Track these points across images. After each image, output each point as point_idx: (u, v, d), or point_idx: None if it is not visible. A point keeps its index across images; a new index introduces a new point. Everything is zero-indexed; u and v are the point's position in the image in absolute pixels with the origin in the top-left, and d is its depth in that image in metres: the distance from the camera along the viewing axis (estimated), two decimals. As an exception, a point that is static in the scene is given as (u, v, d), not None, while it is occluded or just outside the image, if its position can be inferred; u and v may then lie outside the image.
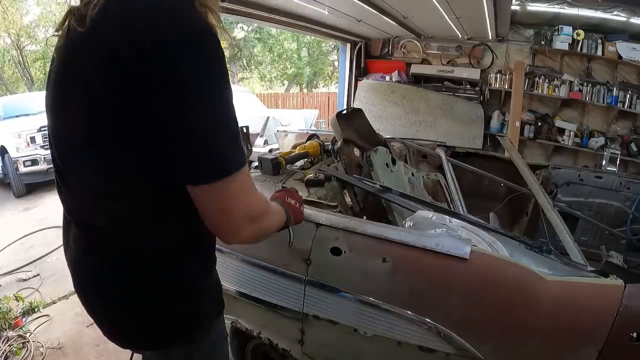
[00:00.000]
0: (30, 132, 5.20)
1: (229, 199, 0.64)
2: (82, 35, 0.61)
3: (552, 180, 2.42)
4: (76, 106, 0.65)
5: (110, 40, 0.58)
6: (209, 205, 0.65)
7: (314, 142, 2.06)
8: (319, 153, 2.04)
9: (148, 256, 0.71)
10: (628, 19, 3.79)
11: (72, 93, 0.65)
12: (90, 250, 0.73)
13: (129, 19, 0.58)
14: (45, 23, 13.03)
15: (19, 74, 13.45)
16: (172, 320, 0.75)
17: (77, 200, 0.73)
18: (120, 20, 0.58)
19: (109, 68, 0.58)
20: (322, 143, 2.07)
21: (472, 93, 5.17)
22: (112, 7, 0.59)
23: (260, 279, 1.30)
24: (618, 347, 0.88)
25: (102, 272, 0.72)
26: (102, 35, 0.59)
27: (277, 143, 3.91)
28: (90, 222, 0.71)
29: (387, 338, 1.09)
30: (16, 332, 2.23)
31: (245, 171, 0.66)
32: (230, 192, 0.64)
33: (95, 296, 0.76)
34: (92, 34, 0.60)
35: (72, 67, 0.65)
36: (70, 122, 0.67)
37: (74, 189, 0.72)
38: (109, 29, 0.59)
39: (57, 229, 3.84)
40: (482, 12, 3.66)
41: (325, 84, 16.48)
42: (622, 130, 4.55)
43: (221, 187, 0.63)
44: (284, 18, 4.02)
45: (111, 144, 0.64)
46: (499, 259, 1.08)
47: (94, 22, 0.60)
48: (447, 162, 2.19)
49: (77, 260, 0.75)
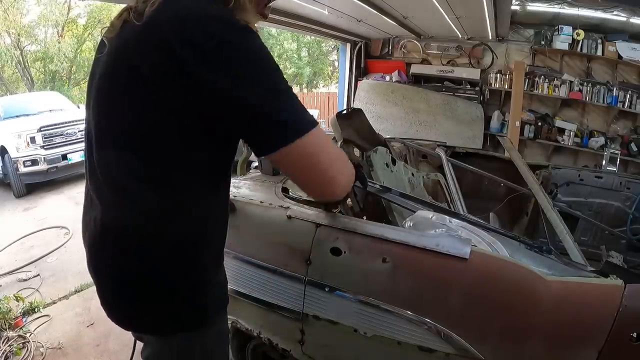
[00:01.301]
0: (30, 132, 5.20)
1: (313, 155, 0.69)
2: (136, 28, 0.66)
3: (552, 180, 2.42)
4: (122, 92, 0.68)
5: (163, 32, 0.63)
6: (297, 167, 0.71)
7: None
8: None
9: (167, 244, 0.73)
10: (628, 19, 3.80)
11: (120, 81, 0.69)
12: (112, 233, 0.75)
13: (182, 17, 0.64)
14: (45, 23, 13.03)
15: (19, 74, 13.44)
16: (178, 308, 0.77)
17: (110, 183, 0.74)
18: (174, 17, 0.64)
19: (159, 57, 0.63)
20: None
21: (472, 93, 5.18)
22: (168, 7, 0.65)
23: (260, 279, 1.30)
24: (618, 347, 0.88)
25: (121, 254, 0.74)
26: (157, 30, 0.64)
27: (277, 143, 3.92)
28: (117, 205, 0.74)
29: (387, 338, 1.09)
30: (16, 332, 2.23)
31: (320, 130, 0.69)
32: (312, 150, 0.69)
33: (109, 277, 0.78)
34: (147, 28, 0.65)
35: (123, 56, 0.68)
36: (117, 108, 0.70)
37: (108, 173, 0.74)
38: (163, 24, 0.64)
39: (57, 229, 3.84)
40: (482, 12, 3.66)
41: (325, 84, 16.48)
42: (622, 130, 4.56)
43: (302, 145, 0.67)
44: (284, 18, 4.02)
45: (154, 134, 0.68)
46: (499, 258, 1.08)
47: (150, 18, 0.65)
48: (447, 162, 2.19)
49: (97, 241, 0.77)
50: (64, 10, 12.99)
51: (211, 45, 0.62)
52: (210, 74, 0.62)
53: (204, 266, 0.79)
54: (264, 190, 1.52)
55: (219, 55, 0.62)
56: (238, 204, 1.42)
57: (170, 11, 0.64)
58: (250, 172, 1.96)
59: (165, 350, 0.82)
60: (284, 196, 1.44)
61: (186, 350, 0.81)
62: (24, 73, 13.19)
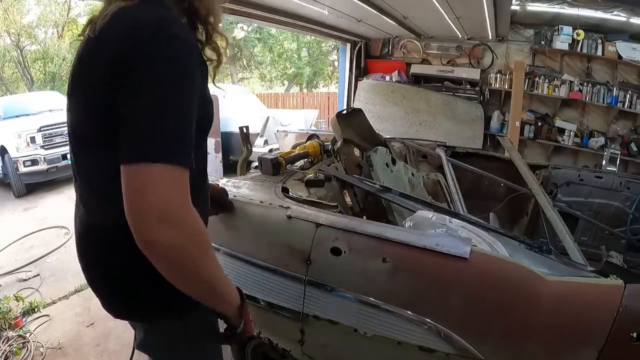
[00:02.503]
0: (30, 132, 5.20)
1: (144, 186, 0.63)
2: (91, 40, 0.72)
3: (552, 180, 2.42)
4: (82, 102, 0.74)
5: (108, 46, 0.68)
6: (125, 188, 0.64)
7: (314, 142, 2.06)
8: (319, 153, 2.04)
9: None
10: (628, 19, 3.80)
11: (80, 91, 0.75)
12: (95, 233, 0.80)
13: (121, 29, 0.69)
14: (45, 23, 13.03)
15: (19, 74, 13.45)
16: (159, 296, 0.78)
17: (84, 185, 0.81)
18: (116, 29, 0.69)
19: (105, 70, 0.68)
20: (322, 143, 2.07)
21: (472, 93, 5.18)
22: (115, 19, 0.70)
23: (260, 279, 1.30)
24: (618, 347, 0.88)
25: (104, 252, 0.79)
26: (104, 41, 0.70)
27: (277, 143, 3.91)
28: (97, 205, 0.79)
29: (387, 338, 1.09)
30: (16, 332, 2.23)
31: (178, 170, 0.65)
32: (148, 180, 0.63)
33: (96, 271, 0.83)
34: (98, 40, 0.71)
35: (83, 68, 0.74)
36: (78, 117, 0.77)
37: (85, 173, 0.80)
38: (109, 37, 0.69)
39: (57, 229, 3.84)
40: (482, 12, 3.66)
41: (325, 84, 16.47)
42: (622, 130, 4.55)
43: (139, 171, 0.63)
44: (284, 18, 4.02)
45: (105, 137, 0.70)
46: (499, 258, 1.08)
47: (101, 30, 0.70)
48: (447, 162, 2.19)
49: (83, 240, 0.84)
50: (64, 10, 12.99)
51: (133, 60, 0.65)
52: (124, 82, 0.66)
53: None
54: (264, 190, 1.52)
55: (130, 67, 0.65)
56: (238, 203, 1.42)
57: (115, 27, 0.69)
58: (250, 172, 1.96)
59: (152, 337, 0.87)
60: (284, 196, 1.44)
61: (171, 337, 0.85)
62: (24, 73, 13.19)
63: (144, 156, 0.63)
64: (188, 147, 0.68)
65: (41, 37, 13.33)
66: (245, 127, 2.06)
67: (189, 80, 0.68)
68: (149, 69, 0.65)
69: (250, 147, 2.11)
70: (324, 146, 2.06)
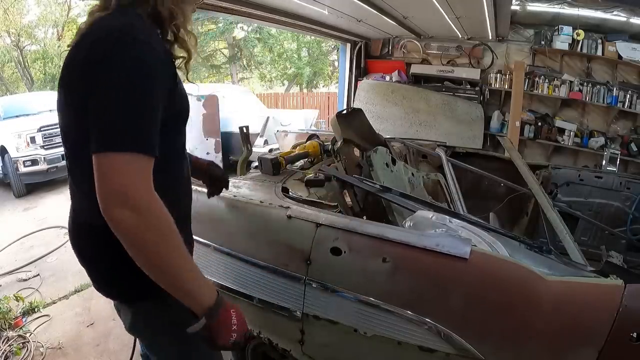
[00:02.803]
0: (30, 132, 5.20)
1: (108, 172, 0.71)
2: (73, 48, 0.81)
3: (552, 180, 2.42)
4: (68, 103, 0.82)
5: (83, 50, 0.78)
6: (95, 174, 0.72)
7: (314, 142, 2.06)
8: (319, 153, 2.04)
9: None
10: (628, 19, 3.80)
11: (65, 94, 0.82)
12: (84, 230, 0.91)
13: (94, 34, 0.78)
14: (45, 23, 13.03)
15: (19, 74, 13.45)
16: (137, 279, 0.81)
17: (74, 184, 0.91)
18: (91, 35, 0.79)
19: (80, 72, 0.77)
20: (322, 143, 2.07)
21: (472, 93, 5.18)
22: (92, 27, 0.80)
23: (260, 279, 1.30)
24: (618, 347, 0.88)
25: (90, 244, 0.91)
26: (81, 47, 0.79)
27: (277, 143, 3.91)
28: (85, 204, 0.87)
29: (387, 338, 1.09)
30: (16, 332, 2.23)
31: (141, 159, 0.73)
32: (112, 167, 0.71)
33: (86, 261, 0.94)
34: (77, 46, 0.80)
35: (67, 72, 0.82)
36: (64, 119, 0.85)
37: (73, 173, 0.90)
38: (85, 42, 0.78)
39: (57, 229, 3.84)
40: (482, 12, 3.66)
41: (325, 84, 16.47)
42: (622, 130, 4.55)
43: (105, 159, 0.71)
44: (284, 18, 4.02)
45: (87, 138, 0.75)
46: (499, 258, 1.08)
47: (82, 36, 0.81)
48: (447, 162, 2.19)
49: (74, 234, 0.95)
50: (64, 10, 12.99)
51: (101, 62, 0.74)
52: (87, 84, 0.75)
53: None
54: (264, 190, 1.52)
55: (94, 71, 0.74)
56: (238, 203, 1.42)
57: (90, 34, 0.79)
58: (250, 172, 1.96)
59: (136, 318, 0.95)
60: (284, 196, 1.44)
61: (153, 317, 0.93)
62: (23, 73, 13.19)
63: (110, 146, 0.71)
64: (150, 138, 0.75)
65: (41, 37, 13.33)
66: (245, 127, 2.06)
67: (151, 79, 0.76)
68: (113, 68, 0.73)
69: (250, 147, 2.11)
70: (324, 146, 2.06)
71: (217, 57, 15.21)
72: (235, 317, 0.84)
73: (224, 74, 15.44)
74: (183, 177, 0.98)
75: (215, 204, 1.47)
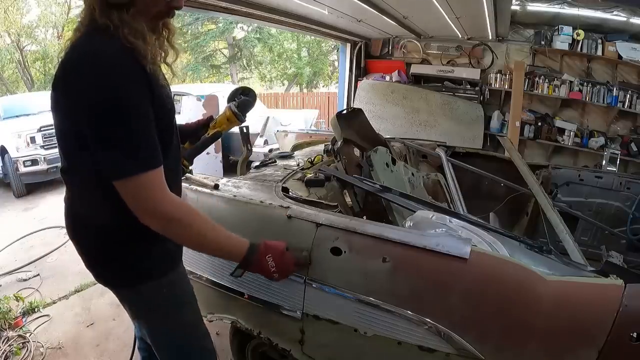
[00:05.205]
0: (30, 132, 5.19)
1: (135, 194, 0.87)
2: (59, 67, 0.88)
3: (552, 180, 2.42)
4: (56, 106, 0.92)
5: (63, 76, 0.86)
6: (124, 197, 0.87)
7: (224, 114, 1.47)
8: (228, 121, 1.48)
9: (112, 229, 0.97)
10: (628, 19, 3.80)
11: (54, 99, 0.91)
12: (79, 224, 1.02)
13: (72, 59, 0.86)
14: (45, 23, 13.03)
15: (19, 74, 13.45)
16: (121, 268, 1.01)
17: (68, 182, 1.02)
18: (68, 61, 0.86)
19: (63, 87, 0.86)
20: (236, 112, 1.49)
21: (472, 93, 5.18)
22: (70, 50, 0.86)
23: (260, 278, 1.30)
24: (618, 347, 0.88)
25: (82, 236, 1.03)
26: (64, 70, 0.86)
27: (277, 143, 3.92)
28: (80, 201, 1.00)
29: (387, 338, 1.09)
30: (16, 332, 2.23)
31: (152, 173, 0.86)
32: (135, 188, 0.86)
33: (80, 245, 1.04)
34: (60, 64, 0.87)
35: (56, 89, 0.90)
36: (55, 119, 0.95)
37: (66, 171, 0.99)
38: (65, 69, 0.86)
39: (57, 229, 3.84)
40: (482, 12, 3.66)
41: (325, 84, 16.47)
42: (622, 130, 4.56)
43: (126, 184, 0.85)
44: (284, 18, 4.02)
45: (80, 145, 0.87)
46: (499, 258, 1.08)
47: (65, 54, 0.87)
48: (447, 162, 2.19)
49: (70, 226, 1.04)
50: (64, 10, 12.99)
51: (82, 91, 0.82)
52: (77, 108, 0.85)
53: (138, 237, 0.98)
54: (264, 190, 1.52)
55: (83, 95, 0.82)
56: (238, 203, 1.42)
57: (70, 52, 0.86)
58: (250, 172, 1.96)
59: (124, 301, 1.09)
60: (284, 196, 1.44)
61: (138, 301, 1.06)
62: (24, 73, 13.20)
63: (124, 173, 0.84)
64: (153, 151, 0.87)
65: (41, 38, 13.34)
66: (245, 127, 2.05)
67: (131, 99, 0.83)
68: (93, 100, 0.81)
69: (250, 147, 2.11)
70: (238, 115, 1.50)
71: (217, 57, 15.22)
72: (273, 260, 1.03)
73: (224, 74, 15.44)
74: (171, 170, 1.03)
75: (215, 204, 1.47)
